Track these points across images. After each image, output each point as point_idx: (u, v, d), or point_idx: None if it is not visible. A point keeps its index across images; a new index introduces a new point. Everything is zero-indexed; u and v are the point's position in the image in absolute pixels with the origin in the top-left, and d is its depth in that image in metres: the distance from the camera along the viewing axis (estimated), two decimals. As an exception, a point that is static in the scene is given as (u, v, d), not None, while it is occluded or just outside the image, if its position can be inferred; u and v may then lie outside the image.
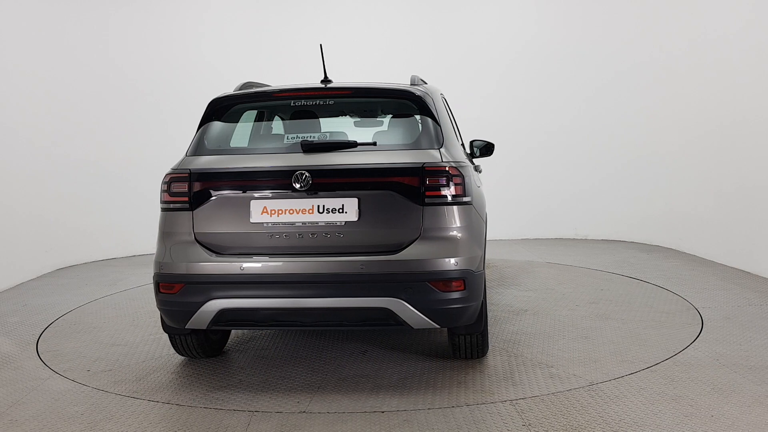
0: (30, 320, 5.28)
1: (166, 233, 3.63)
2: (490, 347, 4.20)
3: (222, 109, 3.89)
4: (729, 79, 6.78)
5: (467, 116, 7.63)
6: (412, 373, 3.83)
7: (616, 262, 7.19)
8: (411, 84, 4.01)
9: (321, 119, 4.00)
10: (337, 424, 3.13)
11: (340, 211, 3.43)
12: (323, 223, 3.42)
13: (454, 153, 3.69)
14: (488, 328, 4.24)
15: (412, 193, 3.41)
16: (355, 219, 3.41)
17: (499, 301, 5.45)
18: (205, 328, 3.54)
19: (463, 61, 9.23)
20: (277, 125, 4.17)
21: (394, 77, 6.91)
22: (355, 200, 3.43)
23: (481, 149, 5.28)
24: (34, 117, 7.32)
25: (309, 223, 3.43)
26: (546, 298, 5.46)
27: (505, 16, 9.22)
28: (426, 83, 4.75)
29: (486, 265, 6.93)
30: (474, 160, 5.64)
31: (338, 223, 3.42)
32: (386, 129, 4.02)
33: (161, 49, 8.63)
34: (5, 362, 4.24)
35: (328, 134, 3.86)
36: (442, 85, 7.52)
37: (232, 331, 4.67)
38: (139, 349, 4.50)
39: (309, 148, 3.58)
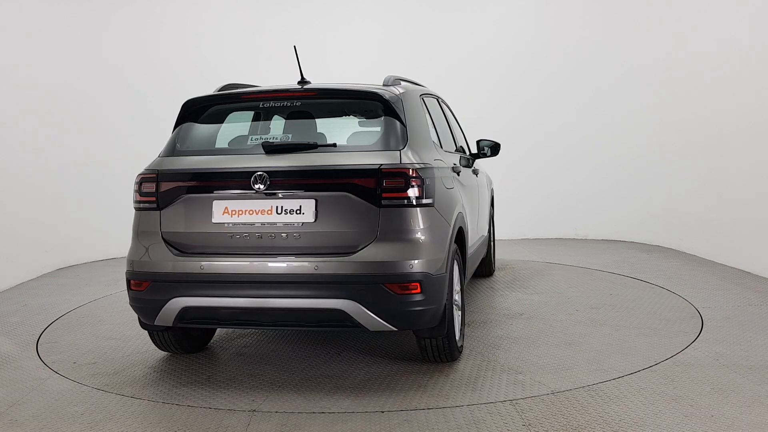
0: (30, 320, 5.29)
1: (137, 232, 3.77)
2: (467, 351, 4.14)
3: (194, 111, 3.95)
4: (729, 79, 6.78)
5: (467, 116, 7.63)
6: (377, 374, 3.80)
7: (616, 262, 7.19)
8: (383, 84, 3.99)
9: (287, 121, 4.02)
10: (337, 424, 3.13)
11: (298, 212, 3.46)
12: (281, 224, 3.46)
13: (419, 154, 3.65)
14: (462, 331, 4.13)
15: (369, 194, 3.41)
16: (312, 220, 3.44)
17: (500, 304, 5.41)
18: (171, 325, 3.65)
19: (463, 62, 9.24)
20: (245, 127, 4.15)
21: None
22: (313, 201, 3.45)
23: (489, 149, 5.47)
24: (34, 118, 7.31)
25: (268, 223, 3.48)
26: (548, 302, 5.37)
27: (505, 18, 9.22)
28: (418, 84, 4.74)
29: (501, 266, 6.92)
30: (480, 159, 5.69)
31: (295, 224, 3.45)
32: (349, 130, 4.01)
33: (161, 50, 8.63)
34: (5, 362, 4.24)
35: (290, 136, 3.85)
36: (441, 86, 7.54)
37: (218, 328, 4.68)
38: (131, 343, 4.56)
39: (270, 149, 3.61)
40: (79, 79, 7.94)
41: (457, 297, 4.04)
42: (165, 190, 3.68)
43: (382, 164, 3.44)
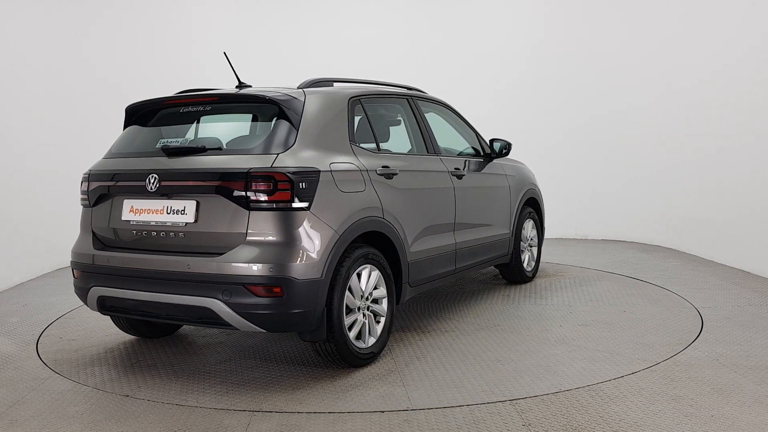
0: (30, 320, 5.29)
1: (80, 226, 4.17)
2: (387, 358, 4.05)
3: (132, 116, 4.25)
4: (729, 79, 6.78)
5: (468, 117, 7.66)
6: (261, 375, 3.83)
7: (616, 262, 7.19)
8: (297, 87, 4.08)
9: (194, 124, 4.13)
10: (337, 424, 3.13)
11: (182, 212, 3.66)
12: (170, 224, 3.69)
13: (308, 157, 3.65)
14: (383, 338, 4.05)
15: (239, 197, 3.51)
16: (193, 221, 3.63)
17: (489, 313, 5.13)
18: (98, 311, 4.03)
19: (466, 65, 9.25)
20: (164, 130, 4.24)
21: (407, 78, 6.93)
22: (194, 203, 3.64)
23: (501, 149, 5.58)
24: (34, 117, 7.31)
25: (160, 222, 3.73)
26: (542, 315, 5.00)
27: (516, 22, 9.23)
28: (385, 84, 4.87)
29: (553, 273, 6.63)
30: (499, 159, 5.73)
31: (180, 224, 3.66)
32: (241, 133, 4.07)
33: (158, 52, 8.64)
34: (5, 362, 4.24)
35: (188, 139, 3.97)
36: (441, 87, 7.52)
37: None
38: (130, 342, 4.58)
39: (168, 152, 3.82)
40: (79, 80, 7.94)
41: (383, 304, 4.05)
42: (93, 189, 4.06)
43: (251, 168, 3.51)
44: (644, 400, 3.30)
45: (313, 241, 3.55)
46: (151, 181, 3.73)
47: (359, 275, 3.89)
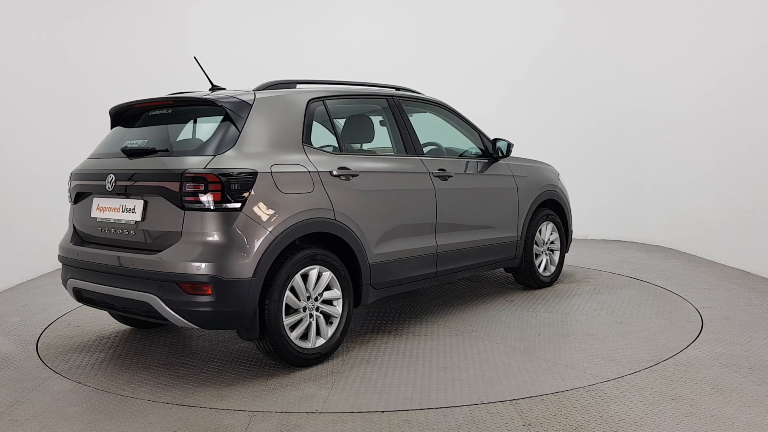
0: (30, 320, 5.29)
1: (68, 222, 4.42)
2: (339, 360, 4.04)
3: (115, 118, 4.43)
4: (729, 78, 6.78)
5: (471, 118, 7.66)
6: (202, 371, 3.94)
7: (616, 262, 7.19)
8: (254, 89, 4.14)
9: (156, 127, 4.23)
10: (337, 424, 3.13)
11: (132, 211, 3.85)
12: (123, 221, 3.89)
13: (247, 159, 3.70)
14: (336, 338, 4.03)
15: (176, 197, 3.63)
16: (141, 219, 3.80)
17: (475, 319, 4.95)
18: (78, 302, 4.28)
19: (474, 66, 9.25)
20: (132, 132, 4.28)
21: (416, 78, 6.91)
22: (142, 202, 3.81)
23: (504, 149, 5.55)
24: (34, 117, 7.32)
25: (116, 220, 3.94)
26: (529, 322, 4.79)
27: (523, 25, 9.23)
28: (363, 84, 4.88)
29: (580, 278, 6.32)
30: (504, 159, 5.63)
31: (131, 222, 3.86)
32: (191, 135, 4.15)
33: (158, 53, 8.64)
34: (5, 362, 4.24)
35: (145, 141, 4.04)
36: (435, 83, 7.49)
37: None
38: (129, 341, 4.58)
39: (126, 153, 3.99)
40: (78, 80, 7.94)
41: (337, 305, 4.05)
42: (73, 187, 4.31)
43: (185, 169, 3.61)
44: (644, 400, 3.30)
45: (243, 242, 3.59)
46: (110, 180, 3.93)
47: (305, 276, 3.88)
